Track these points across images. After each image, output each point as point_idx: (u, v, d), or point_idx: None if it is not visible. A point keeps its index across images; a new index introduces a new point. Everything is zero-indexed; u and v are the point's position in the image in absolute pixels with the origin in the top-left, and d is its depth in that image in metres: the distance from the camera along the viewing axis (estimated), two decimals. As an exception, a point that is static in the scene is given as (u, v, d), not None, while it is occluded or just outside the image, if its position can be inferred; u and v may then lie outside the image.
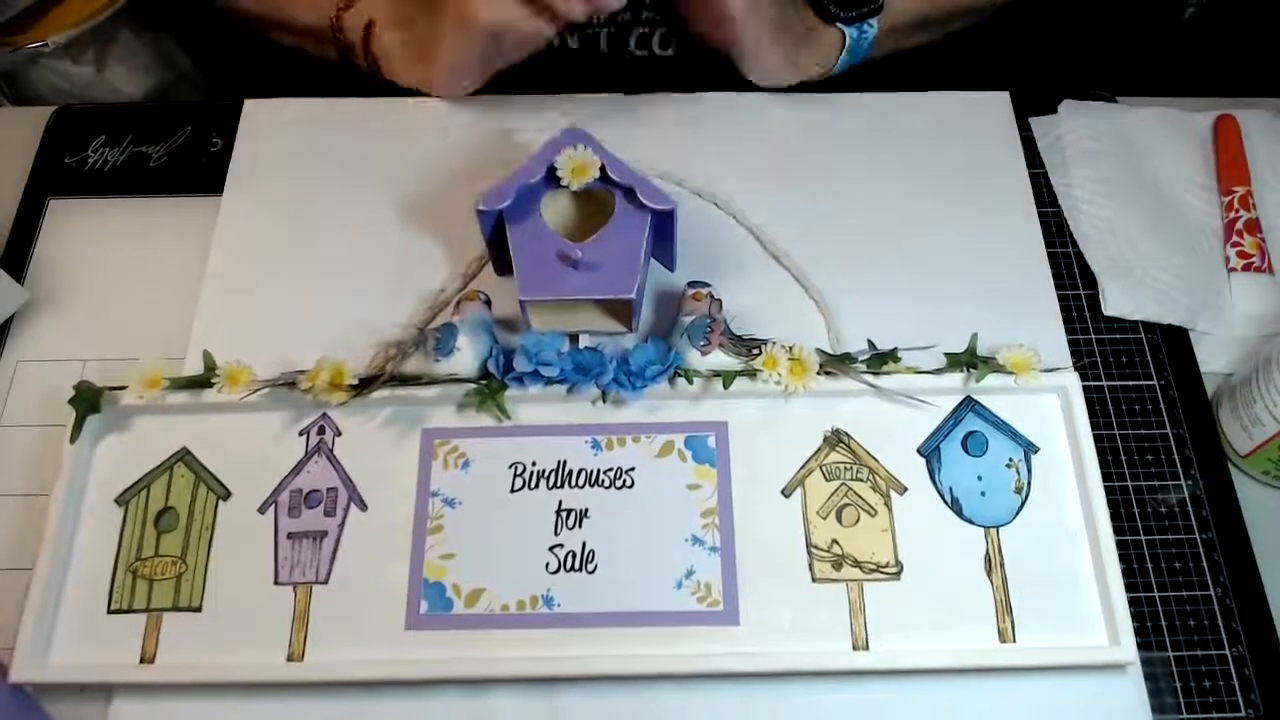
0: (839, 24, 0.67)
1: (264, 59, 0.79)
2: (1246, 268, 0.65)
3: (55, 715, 0.52)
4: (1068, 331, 0.61)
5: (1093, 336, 0.62)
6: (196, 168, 0.68)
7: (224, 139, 0.69)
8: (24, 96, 0.80)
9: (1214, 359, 0.62)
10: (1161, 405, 0.60)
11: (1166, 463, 0.58)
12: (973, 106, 0.70)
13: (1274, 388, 0.55)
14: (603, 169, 0.55)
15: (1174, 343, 0.62)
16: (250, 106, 0.70)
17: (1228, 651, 0.53)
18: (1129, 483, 0.58)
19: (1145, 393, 0.60)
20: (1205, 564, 0.56)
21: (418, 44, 0.67)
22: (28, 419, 0.59)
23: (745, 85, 0.70)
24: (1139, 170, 0.68)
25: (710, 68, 0.69)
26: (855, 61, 0.70)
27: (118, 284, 0.64)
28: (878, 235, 0.65)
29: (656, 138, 0.68)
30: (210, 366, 0.57)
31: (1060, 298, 0.63)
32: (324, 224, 0.65)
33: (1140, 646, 0.52)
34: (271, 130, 0.69)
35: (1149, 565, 0.55)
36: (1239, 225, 0.66)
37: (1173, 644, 0.54)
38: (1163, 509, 0.57)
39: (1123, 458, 0.58)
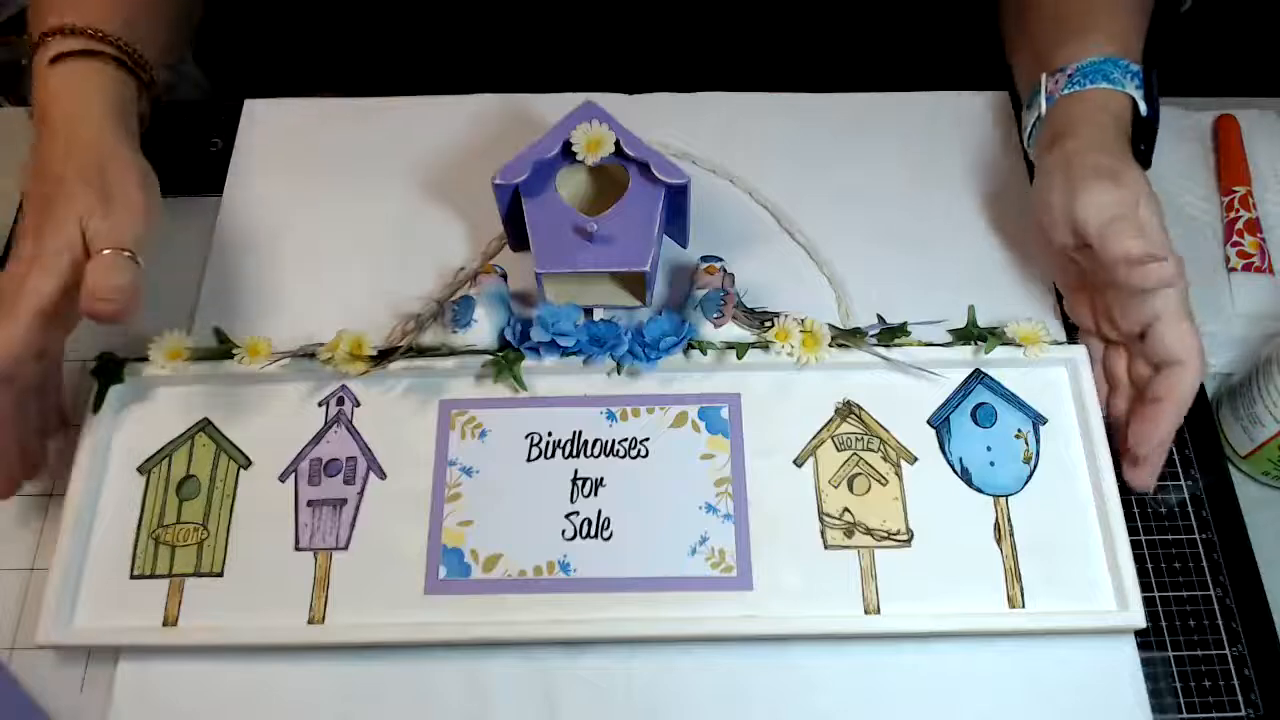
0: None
1: (264, 59, 0.79)
2: (1246, 268, 0.65)
3: (67, 679, 0.53)
4: (1067, 332, 0.61)
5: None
6: (196, 168, 0.68)
7: (224, 139, 0.69)
8: (24, 96, 0.80)
9: (1214, 359, 0.62)
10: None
11: (1166, 463, 0.58)
12: (973, 106, 0.70)
13: (1274, 388, 0.55)
14: (617, 144, 0.56)
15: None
16: (250, 106, 0.70)
17: (1228, 651, 0.54)
18: (1129, 482, 0.58)
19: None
20: (1205, 564, 0.56)
21: None
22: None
23: (740, 85, 0.70)
24: (1138, 170, 0.69)
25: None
26: None
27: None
28: (879, 225, 0.65)
29: (658, 136, 0.68)
30: (223, 341, 0.58)
31: (1060, 298, 0.62)
32: (323, 220, 0.65)
33: (1140, 646, 0.53)
34: (271, 130, 0.70)
35: (1149, 565, 0.56)
36: (1239, 225, 0.66)
37: (1173, 644, 0.54)
38: (1163, 509, 0.57)
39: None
